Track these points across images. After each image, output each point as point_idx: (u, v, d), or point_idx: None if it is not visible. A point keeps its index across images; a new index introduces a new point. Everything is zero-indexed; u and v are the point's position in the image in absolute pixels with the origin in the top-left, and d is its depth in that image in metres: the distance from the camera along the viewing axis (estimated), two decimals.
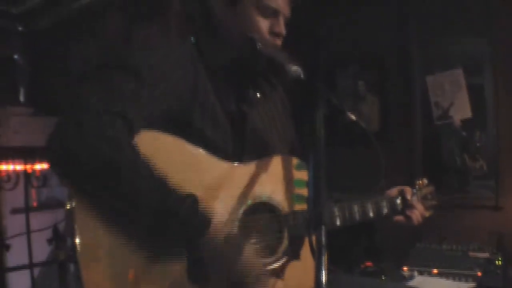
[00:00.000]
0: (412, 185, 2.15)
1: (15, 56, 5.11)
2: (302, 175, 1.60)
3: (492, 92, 3.85)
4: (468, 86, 3.88)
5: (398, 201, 2.02)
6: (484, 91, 3.96)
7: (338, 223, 1.77)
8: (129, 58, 1.51)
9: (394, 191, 2.04)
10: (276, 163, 1.70)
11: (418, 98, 4.04)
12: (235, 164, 1.63)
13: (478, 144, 4.44)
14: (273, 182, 1.67)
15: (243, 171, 1.63)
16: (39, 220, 3.89)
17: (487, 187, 3.91)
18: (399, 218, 2.04)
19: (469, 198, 3.90)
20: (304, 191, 1.58)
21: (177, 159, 1.50)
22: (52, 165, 1.39)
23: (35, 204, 4.66)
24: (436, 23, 3.92)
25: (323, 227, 1.16)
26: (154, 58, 1.53)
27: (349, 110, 1.52)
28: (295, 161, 1.72)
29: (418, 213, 2.05)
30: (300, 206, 1.67)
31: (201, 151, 1.56)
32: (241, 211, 1.58)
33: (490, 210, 3.75)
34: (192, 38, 1.69)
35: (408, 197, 2.02)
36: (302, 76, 1.53)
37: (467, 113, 3.88)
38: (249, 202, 1.61)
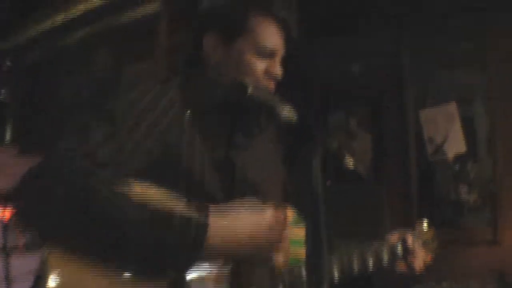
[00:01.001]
0: (412, 228, 2.04)
1: (2, 91, 5.02)
2: (299, 232, 1.46)
3: (487, 124, 3.77)
4: (462, 119, 3.79)
5: (399, 247, 1.91)
6: (476, 123, 3.89)
7: (336, 275, 1.64)
8: (107, 100, 1.40)
9: (394, 237, 1.92)
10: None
11: (412, 134, 3.92)
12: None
13: (471, 176, 4.38)
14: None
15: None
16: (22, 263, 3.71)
17: (483, 220, 3.80)
18: (400, 265, 1.92)
19: (466, 232, 3.77)
20: (301, 252, 1.44)
21: None
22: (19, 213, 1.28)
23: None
24: (429, 57, 3.85)
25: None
26: (134, 100, 1.41)
27: (340, 147, 1.42)
28: (290, 213, 1.57)
29: (420, 260, 1.93)
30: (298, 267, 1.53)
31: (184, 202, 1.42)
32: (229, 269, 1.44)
33: (488, 245, 3.62)
34: (178, 79, 1.57)
35: (410, 243, 1.91)
36: (295, 119, 1.42)
37: (462, 147, 3.78)
38: None
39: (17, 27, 4.81)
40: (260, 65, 1.53)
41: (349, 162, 1.33)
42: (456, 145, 3.78)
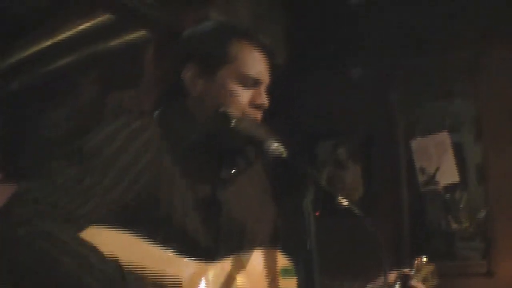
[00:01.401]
0: (408, 264, 1.93)
1: None
2: (289, 285, 1.33)
3: (477, 152, 3.74)
4: (454, 149, 3.72)
5: (397, 287, 1.79)
6: (465, 151, 3.85)
7: None
8: (79, 136, 1.28)
9: (392, 276, 1.80)
10: (257, 260, 1.43)
11: (403, 164, 3.84)
12: (207, 265, 1.34)
13: (461, 206, 4.32)
14: (253, 284, 1.39)
15: (217, 272, 1.34)
16: None
17: (476, 250, 3.76)
18: None
19: (458, 263, 3.71)
20: None
21: (133, 262, 1.21)
22: None
23: None
24: (419, 86, 3.81)
25: None
26: (107, 138, 1.28)
27: (330, 179, 1.32)
28: (280, 259, 1.43)
29: None
30: None
31: (164, 251, 1.28)
32: None
33: (482, 276, 3.55)
34: (156, 112, 1.45)
35: (410, 284, 1.79)
36: (284, 155, 1.31)
37: (455, 177, 3.70)
38: None
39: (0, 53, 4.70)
40: (244, 95, 1.42)
41: (346, 205, 1.21)
42: (449, 175, 3.70)
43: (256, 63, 1.44)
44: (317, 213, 1.23)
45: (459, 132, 3.83)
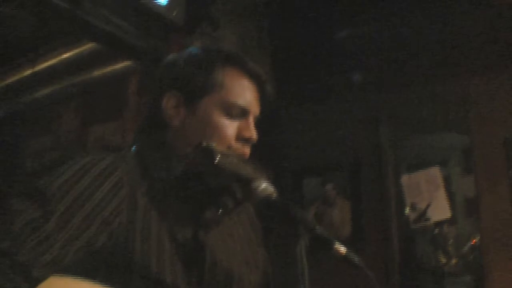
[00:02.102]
0: None
1: None
2: None
3: (468, 186, 3.73)
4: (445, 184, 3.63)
5: None
6: (454, 185, 3.80)
7: None
8: (37, 177, 1.13)
9: None
10: None
11: (392, 200, 3.72)
12: None
13: (451, 241, 4.27)
14: None
15: None
16: None
17: (465, 285, 3.78)
18: None
19: None
20: None
21: None
22: None
23: None
24: (409, 120, 3.75)
25: None
26: (73, 177, 1.13)
27: (317, 216, 1.18)
28: None
29: None
30: None
31: None
32: None
33: None
34: (133, 147, 1.31)
35: None
36: (274, 196, 1.16)
37: (446, 213, 3.60)
38: None
39: None
40: (230, 127, 1.26)
41: (344, 253, 1.07)
42: (440, 211, 3.62)
43: (244, 92, 1.29)
44: None
45: (447, 166, 3.78)
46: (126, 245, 1.13)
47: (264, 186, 1.16)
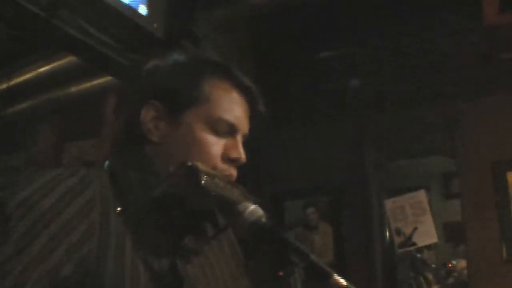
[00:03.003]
0: None
1: None
2: None
3: (453, 210, 3.72)
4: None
5: None
6: (435, 210, 3.76)
7: None
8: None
9: None
10: None
11: (376, 225, 3.60)
12: None
13: (433, 266, 4.22)
14: None
15: None
16: None
17: None
18: None
19: None
20: None
21: None
22: None
23: None
24: (393, 144, 3.65)
25: None
26: (35, 196, 0.96)
27: (300, 240, 1.03)
28: None
29: None
30: None
31: None
32: None
33: None
34: (106, 163, 1.15)
35: None
36: (263, 220, 1.01)
37: (433, 238, 3.49)
38: None
39: None
40: (216, 145, 1.11)
41: (344, 285, 0.93)
42: (426, 236, 3.51)
43: (233, 107, 1.14)
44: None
45: (429, 190, 3.70)
46: (97, 275, 0.97)
47: (253, 208, 1.00)
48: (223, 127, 1.11)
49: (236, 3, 3.30)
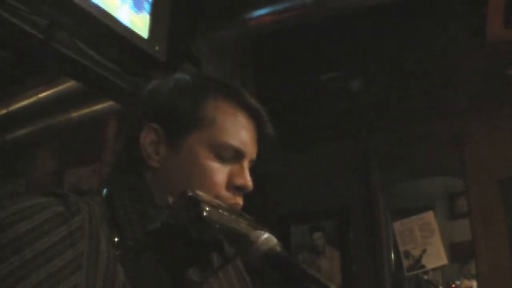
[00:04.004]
0: None
1: None
2: None
3: (458, 231, 3.65)
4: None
5: None
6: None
7: None
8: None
9: None
10: None
11: (384, 246, 3.51)
12: None
13: (440, 287, 4.12)
14: None
15: None
16: None
17: None
18: None
19: None
20: None
21: None
22: None
23: None
24: (398, 164, 3.56)
25: None
26: (25, 234, 0.85)
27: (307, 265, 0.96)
28: None
29: None
30: None
31: None
32: None
33: None
34: (104, 190, 1.05)
35: None
36: (278, 249, 0.92)
37: (442, 259, 3.40)
38: None
39: None
40: (220, 172, 1.03)
41: None
42: (435, 258, 3.40)
43: (239, 130, 1.06)
44: None
45: (434, 210, 3.61)
46: None
47: (266, 236, 0.92)
48: (229, 153, 1.03)
49: (236, 25, 3.26)
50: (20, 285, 0.82)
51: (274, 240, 0.92)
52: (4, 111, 4.01)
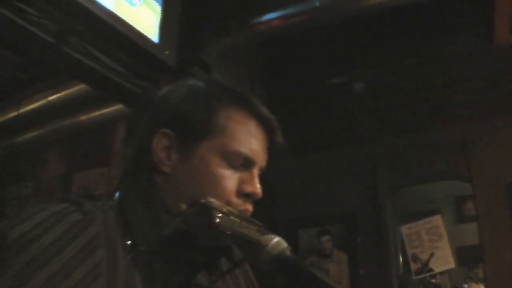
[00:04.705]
0: None
1: None
2: None
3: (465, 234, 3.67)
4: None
5: None
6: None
7: None
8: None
9: None
10: None
11: (392, 250, 3.50)
12: None
13: None
14: None
15: None
16: None
17: None
18: None
19: None
20: None
21: None
22: None
23: None
24: (406, 168, 3.57)
25: None
26: (33, 229, 0.88)
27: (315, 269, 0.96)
28: None
29: None
30: None
31: None
32: None
33: None
34: (116, 195, 1.05)
35: None
36: (288, 253, 0.92)
37: (450, 263, 3.39)
38: None
39: None
40: (231, 179, 1.04)
41: None
42: (443, 261, 3.40)
43: (250, 139, 1.07)
44: None
45: (441, 214, 3.63)
46: None
47: (276, 240, 0.92)
48: (239, 161, 1.04)
49: (245, 30, 3.27)
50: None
51: (284, 244, 0.93)
52: (14, 114, 4.03)
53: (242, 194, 1.04)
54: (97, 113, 3.86)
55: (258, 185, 1.06)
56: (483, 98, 3.34)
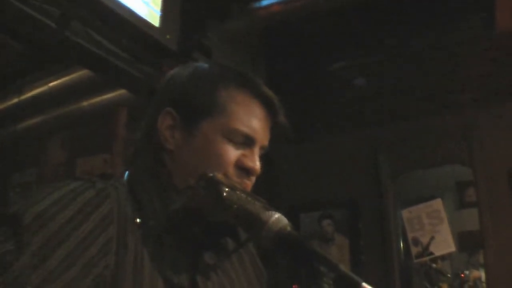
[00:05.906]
0: None
1: None
2: None
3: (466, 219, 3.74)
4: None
5: None
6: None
7: None
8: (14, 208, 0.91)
9: None
10: None
11: (393, 235, 3.53)
12: None
13: (448, 275, 4.13)
14: None
15: None
16: None
17: None
18: None
19: None
20: None
21: None
22: None
23: None
24: (407, 154, 3.56)
25: None
26: (48, 208, 0.91)
27: None
28: None
29: None
30: None
31: None
32: None
33: None
34: (126, 174, 1.09)
35: None
36: (288, 229, 0.94)
37: (450, 247, 3.41)
38: None
39: None
40: (231, 153, 1.06)
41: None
42: (444, 245, 3.42)
43: (250, 117, 1.09)
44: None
45: (442, 200, 3.63)
46: None
47: (277, 216, 0.95)
48: (239, 139, 1.06)
49: (247, 14, 3.27)
50: (67, 272, 0.88)
51: (285, 220, 0.95)
52: (15, 100, 4.03)
53: (241, 167, 1.06)
54: (99, 99, 3.86)
55: (257, 162, 1.08)
56: (484, 84, 3.34)
